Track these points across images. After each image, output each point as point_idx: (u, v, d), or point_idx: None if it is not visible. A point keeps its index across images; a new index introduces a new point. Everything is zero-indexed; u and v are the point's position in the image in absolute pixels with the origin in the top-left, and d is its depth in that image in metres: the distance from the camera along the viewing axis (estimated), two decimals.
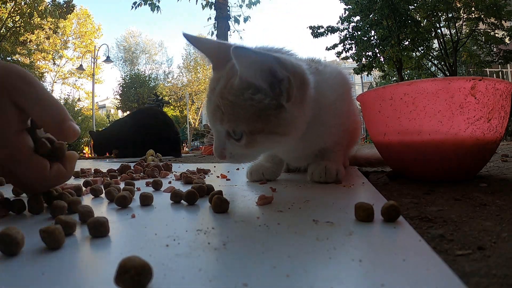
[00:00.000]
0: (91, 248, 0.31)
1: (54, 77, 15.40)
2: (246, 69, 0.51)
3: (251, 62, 0.50)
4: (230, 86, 0.54)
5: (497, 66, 10.31)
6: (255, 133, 0.54)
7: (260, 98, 0.53)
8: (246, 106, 0.53)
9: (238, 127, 0.54)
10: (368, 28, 8.55)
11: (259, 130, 0.54)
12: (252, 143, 0.55)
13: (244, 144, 0.55)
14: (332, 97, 0.67)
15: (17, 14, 8.54)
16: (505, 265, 0.30)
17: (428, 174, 0.79)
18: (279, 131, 0.55)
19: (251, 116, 0.53)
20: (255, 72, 0.51)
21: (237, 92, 0.53)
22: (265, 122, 0.54)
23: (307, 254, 0.29)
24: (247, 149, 0.56)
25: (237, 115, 0.53)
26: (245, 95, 0.52)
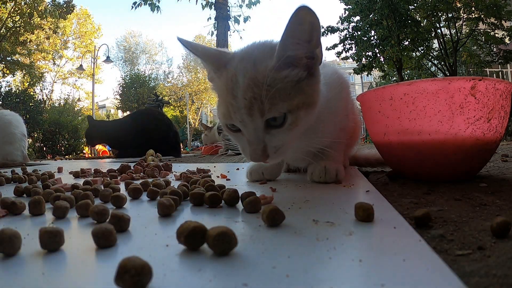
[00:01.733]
0: (91, 248, 0.31)
1: (54, 77, 15.40)
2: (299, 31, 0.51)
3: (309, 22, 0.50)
4: (263, 71, 0.52)
5: (497, 66, 10.30)
6: (298, 108, 0.54)
7: (296, 72, 0.53)
8: (284, 84, 0.52)
9: (282, 109, 0.53)
10: (368, 28, 8.55)
11: (301, 104, 0.54)
12: (297, 121, 0.54)
13: (289, 124, 0.54)
14: (327, 94, 0.67)
15: (17, 14, 8.54)
16: (505, 265, 0.30)
17: (428, 174, 0.79)
18: (314, 100, 0.56)
19: (290, 93, 0.53)
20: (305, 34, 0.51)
21: (274, 73, 0.52)
22: (303, 94, 0.54)
23: (307, 254, 0.29)
24: (291, 131, 0.54)
25: (278, 97, 0.52)
26: (283, 73, 0.53)
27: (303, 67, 0.55)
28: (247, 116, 0.53)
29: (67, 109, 8.83)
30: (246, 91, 0.52)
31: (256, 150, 0.54)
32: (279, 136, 0.54)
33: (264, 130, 0.54)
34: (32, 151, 6.73)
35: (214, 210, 0.47)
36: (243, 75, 0.53)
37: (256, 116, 0.52)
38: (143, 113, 3.22)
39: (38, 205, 0.46)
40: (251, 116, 0.52)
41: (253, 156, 0.55)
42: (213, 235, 0.28)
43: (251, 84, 0.52)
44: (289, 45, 0.52)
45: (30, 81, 11.45)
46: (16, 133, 1.95)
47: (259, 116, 0.52)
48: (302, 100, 0.54)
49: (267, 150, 0.54)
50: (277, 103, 0.52)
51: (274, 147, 0.55)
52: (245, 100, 0.52)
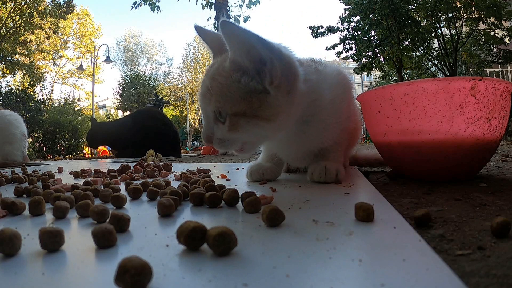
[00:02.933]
0: (91, 248, 0.31)
1: (54, 77, 15.41)
2: (235, 46, 0.54)
3: (238, 39, 0.53)
4: (221, 68, 0.57)
5: (497, 66, 10.30)
6: (238, 115, 0.56)
7: (246, 81, 0.55)
8: (233, 87, 0.55)
9: (223, 108, 0.56)
10: (368, 28, 8.54)
11: (242, 113, 0.56)
12: (235, 126, 0.57)
13: (228, 126, 0.57)
14: (330, 95, 0.67)
15: (17, 14, 8.53)
16: (505, 265, 0.30)
17: (428, 174, 0.79)
18: (261, 115, 0.57)
19: (236, 98, 0.56)
20: (242, 51, 0.54)
21: (226, 73, 0.56)
22: (248, 105, 0.56)
23: (307, 254, 0.29)
24: (230, 132, 0.58)
25: (224, 96, 0.56)
26: (233, 76, 0.55)
27: (256, 80, 0.56)
28: (202, 100, 0.60)
29: (67, 109, 8.83)
30: (208, 79, 0.58)
31: (204, 132, 0.61)
32: (221, 132, 0.59)
33: (213, 119, 0.59)
34: (32, 151, 6.72)
35: (214, 210, 0.47)
36: (214, 67, 0.59)
37: (206, 103, 0.58)
38: (143, 113, 3.22)
39: (38, 205, 0.46)
40: (204, 104, 0.59)
41: (203, 134, 0.61)
42: (213, 235, 0.28)
43: (213, 75, 0.58)
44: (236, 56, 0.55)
45: (30, 81, 11.45)
46: (16, 133, 1.95)
47: (208, 105, 0.58)
48: (245, 109, 0.56)
49: (212, 136, 0.60)
50: (221, 100, 0.56)
51: (218, 138, 0.60)
52: (203, 87, 0.59)
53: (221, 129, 0.59)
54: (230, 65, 0.56)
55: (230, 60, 0.56)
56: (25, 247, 0.31)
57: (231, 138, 0.59)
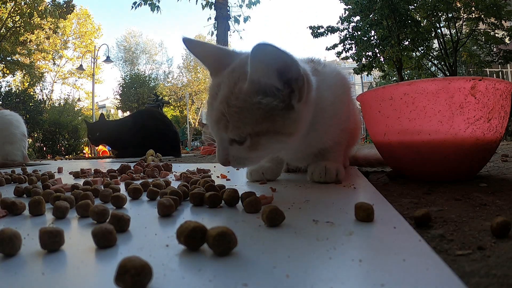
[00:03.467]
0: (91, 248, 0.31)
1: (54, 77, 15.41)
2: (263, 67, 0.50)
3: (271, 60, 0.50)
4: (237, 91, 0.53)
5: (497, 66, 10.30)
6: (260, 134, 0.54)
7: (269, 101, 0.52)
8: (253, 109, 0.52)
9: (244, 132, 0.54)
10: (368, 28, 8.55)
11: (264, 132, 0.54)
12: (256, 145, 0.55)
13: (248, 147, 0.55)
14: (331, 97, 0.67)
15: (17, 14, 8.53)
16: (505, 265, 0.30)
17: (428, 174, 0.79)
18: (284, 131, 0.55)
19: (257, 119, 0.53)
20: (270, 71, 0.50)
21: (245, 96, 0.52)
22: (271, 123, 0.53)
23: (307, 254, 0.29)
24: (250, 152, 0.56)
25: (244, 120, 0.53)
26: (254, 99, 0.52)
27: (278, 98, 0.53)
28: (215, 126, 0.56)
29: (67, 109, 8.83)
30: (220, 103, 0.54)
31: (220, 155, 0.58)
32: (239, 152, 0.57)
33: (228, 142, 0.57)
34: (32, 151, 6.72)
35: (214, 210, 0.47)
36: (223, 88, 0.55)
37: (222, 131, 0.55)
38: (144, 114, 3.22)
39: (38, 205, 0.46)
40: (218, 130, 0.56)
41: (218, 158, 0.59)
42: (213, 235, 0.28)
43: (224, 100, 0.54)
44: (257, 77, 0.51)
45: (30, 81, 11.45)
46: (16, 133, 1.95)
47: (224, 131, 0.55)
48: (268, 128, 0.54)
49: (228, 159, 0.58)
50: (240, 126, 0.53)
51: (234, 156, 0.57)
52: (216, 113, 0.55)
53: (239, 149, 0.56)
54: (249, 86, 0.52)
55: (250, 81, 0.51)
56: (25, 247, 0.31)
57: (250, 156, 0.57)
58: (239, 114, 0.52)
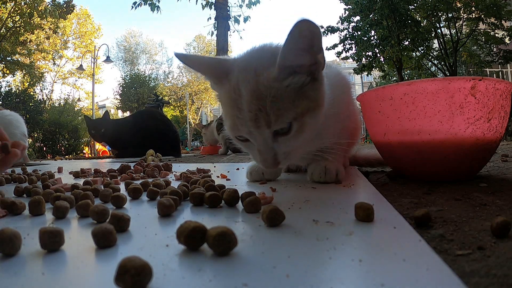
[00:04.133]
0: (91, 248, 0.31)
1: (54, 77, 15.40)
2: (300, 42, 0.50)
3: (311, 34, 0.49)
4: (266, 81, 0.52)
5: (497, 66, 10.30)
6: (303, 114, 0.53)
7: (300, 79, 0.52)
8: (288, 92, 0.52)
9: (288, 118, 0.52)
10: (368, 28, 8.55)
11: (305, 110, 0.53)
12: (302, 127, 0.54)
13: (295, 132, 0.53)
14: (331, 96, 0.67)
15: (17, 14, 8.53)
16: (505, 265, 0.30)
17: (428, 174, 0.79)
18: (317, 105, 0.55)
19: (294, 100, 0.52)
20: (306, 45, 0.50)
21: (276, 83, 0.51)
22: (307, 100, 0.53)
23: (307, 254, 0.29)
24: (297, 137, 0.54)
25: (284, 106, 0.51)
26: (285, 82, 0.52)
27: (305, 73, 0.54)
28: (254, 129, 0.53)
29: (67, 109, 8.83)
30: (250, 103, 0.52)
31: (267, 159, 0.54)
32: (287, 143, 0.54)
33: (272, 139, 0.54)
34: (32, 151, 6.72)
35: (214, 210, 0.47)
36: (245, 86, 0.52)
37: (263, 128, 0.52)
38: (144, 114, 3.22)
39: (38, 205, 0.46)
40: (259, 129, 0.52)
41: (265, 165, 0.56)
42: (213, 235, 0.28)
43: (254, 96, 0.51)
44: (291, 56, 0.51)
45: (30, 81, 11.45)
46: (16, 133, 1.94)
47: (266, 128, 0.52)
48: (307, 105, 0.54)
49: (277, 158, 0.55)
50: (282, 113, 0.52)
51: (283, 153, 0.55)
52: (251, 113, 0.52)
53: (286, 141, 0.54)
54: (279, 71, 0.51)
55: (279, 65, 0.51)
56: (25, 247, 0.31)
57: (296, 144, 0.55)
58: (276, 102, 0.51)
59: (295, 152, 0.57)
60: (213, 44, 15.39)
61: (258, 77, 0.52)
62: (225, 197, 0.49)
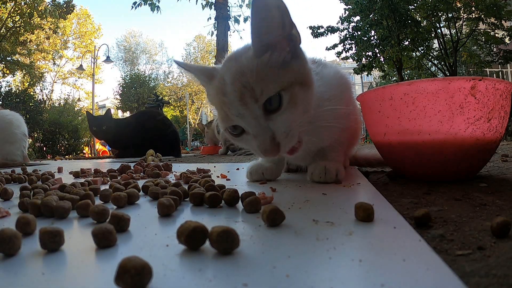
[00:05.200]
0: (91, 248, 0.31)
1: (54, 77, 15.41)
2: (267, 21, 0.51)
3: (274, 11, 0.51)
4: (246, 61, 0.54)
5: (497, 66, 10.30)
6: (292, 85, 0.53)
7: (278, 54, 0.54)
8: (269, 67, 0.53)
9: (274, 88, 0.52)
10: (368, 28, 8.55)
11: (292, 83, 0.54)
12: (294, 99, 0.53)
13: (288, 103, 0.53)
14: (329, 95, 0.67)
15: (17, 14, 8.53)
16: (505, 265, 0.30)
17: (428, 174, 0.79)
18: (305, 81, 0.56)
19: (278, 73, 0.53)
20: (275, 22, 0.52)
21: (256, 60, 0.53)
22: (291, 74, 0.54)
23: (307, 254, 0.29)
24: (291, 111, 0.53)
25: (267, 79, 0.52)
26: (264, 58, 0.53)
27: (285, 49, 0.55)
28: (241, 107, 0.52)
29: (67, 109, 8.83)
30: (233, 84, 0.53)
31: (265, 141, 0.53)
32: (282, 118, 0.53)
33: (264, 117, 0.53)
34: (32, 151, 6.72)
35: (214, 210, 0.47)
36: (229, 72, 0.55)
37: (251, 103, 0.52)
38: (144, 114, 3.23)
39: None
40: (246, 105, 0.52)
41: (264, 148, 0.53)
42: (218, 231, 0.28)
43: (237, 76, 0.53)
44: (261, 33, 0.53)
45: (30, 81, 11.45)
46: (17, 133, 1.94)
47: (254, 102, 0.52)
48: (293, 77, 0.54)
49: (276, 138, 0.53)
50: (267, 84, 0.52)
51: (282, 132, 0.53)
52: (235, 92, 0.52)
53: (281, 116, 0.53)
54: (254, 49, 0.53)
55: (254, 43, 0.53)
56: (25, 247, 0.31)
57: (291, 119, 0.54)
58: (259, 76, 0.52)
59: (294, 130, 0.55)
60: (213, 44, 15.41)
61: (238, 61, 0.55)
62: (225, 197, 0.49)
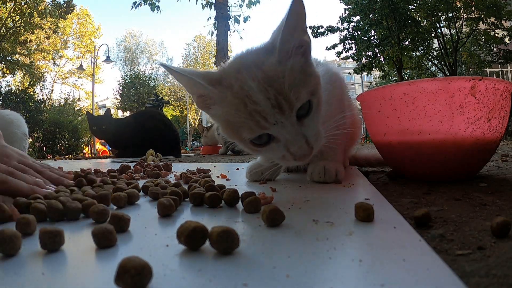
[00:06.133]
0: (91, 248, 0.31)
1: (54, 77, 15.41)
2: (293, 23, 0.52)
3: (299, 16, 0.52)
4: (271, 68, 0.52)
5: (497, 66, 10.30)
6: (316, 90, 0.55)
7: (296, 60, 0.54)
8: (294, 74, 0.52)
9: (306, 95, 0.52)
10: (368, 28, 8.55)
11: (314, 88, 0.54)
12: (319, 103, 0.55)
13: (316, 107, 0.54)
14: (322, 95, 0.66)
15: (17, 14, 8.54)
16: (505, 265, 0.30)
17: (428, 174, 0.79)
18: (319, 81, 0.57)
19: (301, 79, 0.53)
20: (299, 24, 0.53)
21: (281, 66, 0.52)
22: (311, 78, 0.55)
23: (307, 254, 0.29)
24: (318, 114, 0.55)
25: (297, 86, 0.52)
26: (288, 64, 0.52)
27: (300, 54, 0.55)
28: (280, 115, 0.51)
29: (67, 109, 8.83)
30: (265, 91, 0.50)
31: (302, 147, 0.52)
32: (312, 123, 0.54)
33: (297, 125, 0.53)
34: (32, 151, 6.72)
35: (214, 210, 0.47)
36: (252, 79, 0.51)
37: (288, 111, 0.51)
38: (144, 114, 3.23)
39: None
40: (283, 113, 0.51)
41: (300, 154, 0.53)
42: (218, 231, 0.28)
43: (267, 83, 0.50)
44: (287, 37, 0.53)
45: (30, 81, 11.45)
46: (17, 132, 1.94)
47: (290, 110, 0.51)
48: (314, 81, 0.55)
49: (310, 143, 0.53)
50: (299, 91, 0.52)
51: (313, 136, 0.54)
52: (270, 100, 0.50)
53: (312, 120, 0.54)
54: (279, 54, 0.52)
55: (280, 49, 0.52)
56: (25, 247, 0.31)
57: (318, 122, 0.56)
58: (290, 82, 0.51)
59: (321, 132, 0.56)
60: (213, 44, 15.39)
61: (261, 66, 0.52)
62: (225, 197, 0.49)
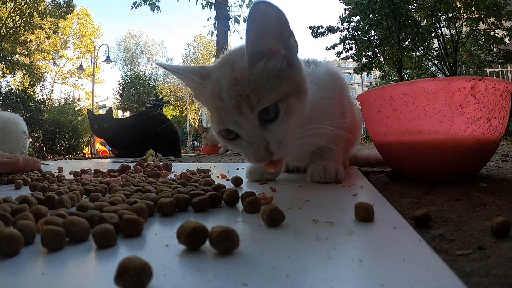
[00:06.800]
0: (91, 248, 0.31)
1: (54, 77, 15.41)
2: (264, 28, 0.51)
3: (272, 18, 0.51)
4: (241, 69, 0.53)
5: (497, 66, 10.30)
6: (288, 96, 0.53)
7: (274, 63, 0.53)
8: (266, 77, 0.52)
9: (270, 98, 0.52)
10: (368, 28, 8.55)
11: (289, 93, 0.53)
12: (290, 109, 0.53)
13: (284, 114, 0.53)
14: (321, 95, 0.66)
15: (17, 14, 8.54)
16: (505, 265, 0.30)
17: (428, 174, 0.79)
18: (300, 89, 0.56)
19: (274, 83, 0.53)
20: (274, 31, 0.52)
21: (251, 69, 0.52)
22: (288, 83, 0.54)
23: (307, 254, 0.29)
24: (288, 121, 0.54)
25: (263, 88, 0.52)
26: (259, 67, 0.52)
27: (281, 58, 0.54)
28: (238, 116, 0.52)
29: (67, 109, 8.83)
30: (229, 91, 0.52)
31: (259, 150, 0.53)
32: (278, 129, 0.53)
33: (260, 127, 0.53)
34: (32, 151, 6.72)
35: (214, 210, 0.47)
36: (224, 77, 0.53)
37: (247, 113, 0.52)
38: (144, 114, 3.23)
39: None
40: (242, 114, 0.52)
41: (257, 157, 0.54)
42: (218, 231, 0.28)
43: (233, 83, 0.52)
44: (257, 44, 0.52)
45: (30, 81, 11.46)
46: (16, 131, 1.94)
47: (250, 112, 0.52)
48: (289, 87, 0.54)
49: (270, 147, 0.53)
50: (263, 95, 0.51)
51: (276, 141, 0.53)
52: (232, 100, 0.52)
53: (276, 127, 0.53)
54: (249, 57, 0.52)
55: (249, 52, 0.52)
56: (25, 247, 0.31)
57: (286, 129, 0.54)
58: (255, 85, 0.51)
59: (287, 141, 0.55)
60: (213, 44, 15.41)
61: (233, 67, 0.54)
62: (225, 197, 0.49)
